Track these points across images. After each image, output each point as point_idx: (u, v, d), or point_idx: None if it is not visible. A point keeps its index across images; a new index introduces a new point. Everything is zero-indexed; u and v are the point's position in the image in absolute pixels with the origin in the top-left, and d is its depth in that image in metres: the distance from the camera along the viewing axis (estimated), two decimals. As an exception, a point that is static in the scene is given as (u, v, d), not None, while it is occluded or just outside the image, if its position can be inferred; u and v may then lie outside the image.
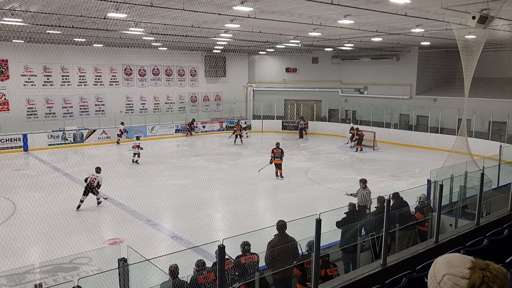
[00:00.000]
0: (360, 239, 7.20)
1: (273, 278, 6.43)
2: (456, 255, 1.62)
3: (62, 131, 23.10)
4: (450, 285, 1.55)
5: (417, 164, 19.38)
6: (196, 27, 15.12)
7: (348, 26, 15.06)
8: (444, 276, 1.57)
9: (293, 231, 6.68)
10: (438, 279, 1.59)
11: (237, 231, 6.35)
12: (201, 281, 5.82)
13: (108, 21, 13.75)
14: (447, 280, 1.56)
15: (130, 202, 12.73)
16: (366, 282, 4.37)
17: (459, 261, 1.58)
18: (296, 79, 30.97)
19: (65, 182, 15.61)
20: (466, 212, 9.23)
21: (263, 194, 14.98)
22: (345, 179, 16.84)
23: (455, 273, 1.55)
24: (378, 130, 24.81)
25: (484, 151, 17.08)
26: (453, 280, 1.54)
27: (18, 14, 12.65)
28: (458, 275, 1.54)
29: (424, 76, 25.99)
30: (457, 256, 1.61)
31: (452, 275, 1.55)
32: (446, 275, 1.56)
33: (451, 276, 1.55)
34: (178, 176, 16.75)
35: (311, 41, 21.01)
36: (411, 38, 19.26)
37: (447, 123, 23.10)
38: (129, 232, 10.50)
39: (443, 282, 1.57)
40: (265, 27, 16.07)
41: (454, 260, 1.59)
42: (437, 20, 13.03)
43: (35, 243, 10.05)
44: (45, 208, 11.87)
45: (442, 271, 1.58)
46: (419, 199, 9.11)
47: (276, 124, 29.88)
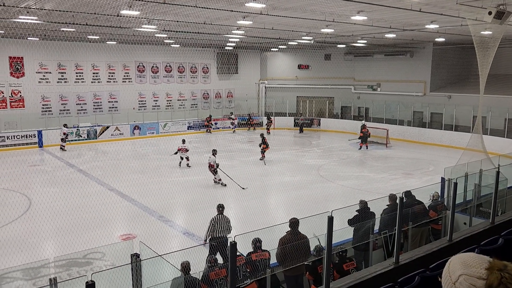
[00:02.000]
0: (372, 237, 7.15)
1: (284, 275, 6.43)
2: (472, 255, 1.58)
3: (76, 127, 23.38)
4: (467, 285, 1.51)
5: (430, 162, 19.17)
6: (209, 24, 15.14)
7: (361, 23, 14.92)
8: (460, 276, 1.53)
9: (304, 229, 6.67)
10: (453, 279, 1.55)
11: (248, 228, 6.37)
12: (213, 277, 5.84)
13: (121, 19, 13.85)
14: (463, 280, 1.52)
15: (143, 198, 12.84)
16: (379, 280, 4.34)
17: (476, 261, 1.54)
18: (308, 76, 30.82)
19: (79, 178, 15.81)
20: (480, 211, 9.10)
21: (275, 191, 14.96)
22: (357, 176, 16.75)
23: (472, 273, 1.51)
24: (391, 127, 24.58)
25: (499, 149, 16.81)
26: (470, 280, 1.51)
27: (33, 12, 12.81)
28: (475, 275, 1.50)
29: (438, 72, 25.64)
30: (473, 256, 1.57)
31: (468, 275, 1.51)
32: (462, 275, 1.53)
33: (468, 277, 1.51)
34: (190, 173, 16.83)
35: (323, 38, 20.87)
36: (426, 34, 19.01)
37: (462, 121, 22.79)
38: (142, 228, 10.60)
39: (458, 283, 1.53)
40: (277, 24, 16.01)
41: (470, 260, 1.55)
42: (452, 16, 12.83)
43: (50, 238, 10.21)
44: (60, 204, 12.07)
45: (458, 271, 1.55)
46: (432, 197, 8.99)
47: (288, 121, 29.80)
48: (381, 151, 22.08)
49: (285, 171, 17.22)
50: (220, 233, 8.30)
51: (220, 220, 8.42)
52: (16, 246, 9.01)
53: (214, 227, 8.34)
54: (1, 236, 9.91)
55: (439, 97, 25.19)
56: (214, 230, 8.31)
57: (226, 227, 8.34)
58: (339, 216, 6.96)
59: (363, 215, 7.59)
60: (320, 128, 29.06)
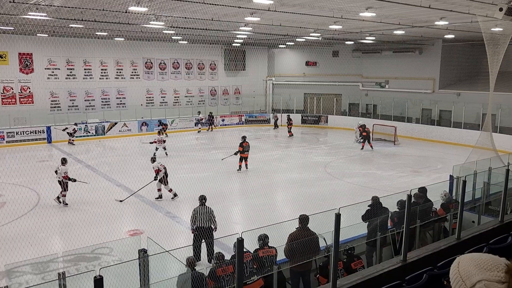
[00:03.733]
0: (379, 234, 7.12)
1: (290, 270, 6.42)
2: (484, 256, 1.51)
3: (84, 123, 23.53)
4: None
5: (439, 160, 19.04)
6: (216, 21, 15.12)
7: (370, 19, 14.83)
8: (478, 282, 1.45)
9: (312, 226, 6.66)
10: (469, 285, 1.47)
11: (255, 225, 6.36)
12: (220, 273, 5.85)
13: (129, 15, 13.90)
14: (483, 286, 1.44)
15: (150, 194, 12.88)
16: (386, 278, 4.32)
17: (491, 264, 1.47)
18: (316, 73, 30.71)
19: (87, 173, 15.90)
20: (489, 209, 9.02)
21: (281, 188, 14.95)
22: (365, 174, 16.68)
23: (491, 278, 1.44)
24: (400, 124, 24.44)
25: (509, 147, 16.66)
26: (490, 286, 1.43)
27: (43, 9, 12.89)
28: (495, 280, 1.43)
29: (447, 70, 25.42)
30: (487, 258, 1.50)
31: (488, 280, 1.44)
32: (481, 281, 1.45)
33: (488, 282, 1.43)
34: (197, 169, 16.86)
35: (331, 34, 20.77)
36: (435, 31, 18.84)
37: (471, 118, 22.59)
38: (149, 223, 10.65)
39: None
40: (285, 20, 15.96)
41: (485, 262, 1.48)
42: (462, 12, 12.69)
43: (58, 233, 10.30)
44: (68, 199, 12.17)
45: (475, 276, 1.46)
46: (445, 196, 8.91)
47: (295, 118, 29.72)
48: (389, 149, 21.97)
49: (292, 168, 17.19)
50: (201, 223, 8.67)
51: (200, 211, 8.79)
52: (25, 241, 9.09)
53: (195, 218, 8.75)
54: (11, 230, 10.00)
55: (448, 94, 24.98)
56: (195, 220, 8.73)
57: (208, 218, 8.71)
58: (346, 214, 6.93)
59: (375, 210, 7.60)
60: (328, 125, 28.97)
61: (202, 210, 8.80)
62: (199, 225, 8.70)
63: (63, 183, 12.20)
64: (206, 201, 8.98)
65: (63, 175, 12.18)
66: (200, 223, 8.70)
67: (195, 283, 5.24)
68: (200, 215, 8.75)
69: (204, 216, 8.74)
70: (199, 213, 8.78)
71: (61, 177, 12.19)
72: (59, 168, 12.31)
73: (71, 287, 4.31)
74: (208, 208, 8.86)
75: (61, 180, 12.20)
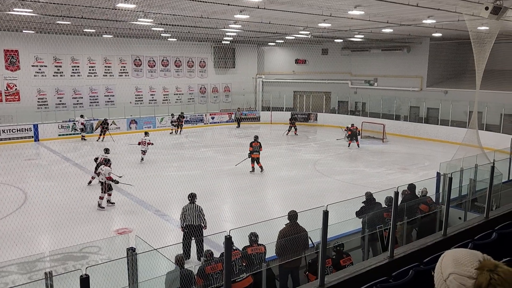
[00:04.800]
0: (367, 231, 7.18)
1: (279, 267, 6.45)
2: (465, 252, 1.56)
3: (72, 121, 23.30)
4: (456, 285, 1.48)
5: (426, 157, 19.24)
6: (205, 18, 15.07)
7: (358, 17, 14.90)
8: (450, 274, 1.50)
9: (301, 223, 6.70)
10: (444, 276, 1.53)
11: (245, 222, 6.38)
12: (209, 271, 5.86)
13: (117, 12, 13.77)
14: (453, 279, 1.49)
15: (139, 192, 12.81)
16: (373, 274, 4.36)
17: (467, 259, 1.51)
18: (305, 71, 30.79)
19: (75, 172, 15.77)
20: (475, 206, 9.15)
21: (271, 186, 14.99)
22: (353, 171, 16.80)
23: (462, 272, 1.48)
24: (388, 122, 24.64)
25: (495, 144, 16.87)
26: (460, 280, 1.48)
27: (28, 5, 12.71)
28: (465, 275, 1.47)
29: (435, 68, 25.67)
30: (466, 253, 1.54)
31: (458, 274, 1.48)
32: (452, 274, 1.50)
33: (458, 276, 1.48)
34: (187, 167, 16.82)
35: (320, 32, 20.83)
36: (423, 29, 19.01)
37: (458, 116, 22.85)
38: (138, 222, 10.60)
39: (449, 281, 1.51)
40: (274, 18, 15.96)
41: (462, 257, 1.52)
42: (449, 11, 12.82)
43: (45, 232, 10.20)
44: (56, 198, 12.04)
45: (449, 268, 1.52)
46: (421, 193, 9.10)
47: (285, 115, 29.79)
48: (377, 146, 22.14)
49: (282, 166, 17.24)
50: (191, 221, 8.68)
51: (190, 209, 8.77)
52: (11, 240, 8.98)
53: (184, 216, 8.75)
54: (-3, 230, 9.88)
55: (435, 92, 25.24)
56: (184, 218, 8.73)
57: (197, 216, 8.71)
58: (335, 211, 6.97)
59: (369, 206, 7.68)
60: (317, 123, 29.08)
61: (192, 208, 8.78)
62: (188, 223, 8.69)
63: (106, 184, 11.77)
64: (196, 199, 8.96)
65: (107, 176, 11.81)
66: (189, 221, 8.70)
67: (184, 281, 5.24)
68: (190, 213, 8.73)
69: (193, 214, 8.72)
70: (189, 211, 8.75)
71: (104, 178, 11.80)
72: (102, 169, 11.93)
73: (59, 287, 4.28)
74: (197, 206, 8.84)
75: (104, 182, 11.79)
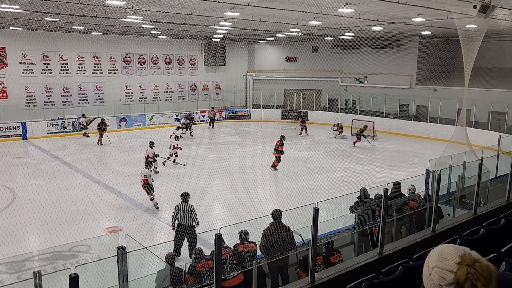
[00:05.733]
0: (357, 228, 7.23)
1: (268, 266, 6.47)
2: (450, 247, 1.61)
3: (61, 119, 23.07)
4: (438, 278, 1.55)
5: (416, 154, 19.40)
6: (196, 15, 15.01)
7: (349, 15, 14.94)
8: (433, 268, 1.57)
9: (290, 220, 6.71)
10: (429, 271, 1.59)
11: (236, 220, 6.38)
12: (199, 269, 5.86)
13: (106, 9, 13.64)
14: (435, 273, 1.56)
15: (130, 190, 12.73)
16: (363, 271, 4.39)
17: (450, 254, 1.57)
18: (296, 68, 30.84)
19: (64, 170, 15.63)
20: (464, 202, 9.26)
21: (262, 183, 15.00)
22: (344, 168, 16.88)
23: (444, 266, 1.55)
24: (378, 120, 24.77)
25: (483, 141, 17.06)
26: (441, 273, 1.54)
27: (15, 1, 12.54)
28: (446, 268, 1.54)
29: (424, 65, 25.88)
30: (450, 248, 1.60)
31: (440, 268, 1.55)
32: (435, 268, 1.57)
33: (439, 269, 1.55)
34: (178, 165, 16.76)
35: (311, 30, 20.87)
36: (412, 27, 19.13)
37: (447, 113, 23.07)
38: (129, 220, 10.54)
39: (432, 274, 1.57)
40: (264, 16, 15.95)
41: (447, 252, 1.59)
42: (438, 9, 12.92)
43: (34, 231, 10.10)
44: (44, 196, 11.90)
45: (433, 262, 1.58)
46: (409, 190, 9.18)
47: (276, 113, 29.84)
48: (367, 144, 22.26)
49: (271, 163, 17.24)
50: (183, 221, 8.64)
51: (182, 208, 8.71)
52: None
53: (176, 214, 8.71)
54: (-16, 229, 9.76)
55: (424, 90, 25.45)
56: (176, 217, 8.72)
57: (189, 215, 8.66)
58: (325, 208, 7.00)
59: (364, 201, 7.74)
60: (308, 121, 29.12)
61: (184, 208, 8.74)
62: (180, 222, 8.67)
63: (144, 187, 11.61)
64: (188, 198, 8.92)
65: (144, 178, 11.58)
66: (181, 220, 8.67)
67: (175, 279, 5.23)
68: (182, 212, 8.69)
69: (185, 213, 8.69)
70: (181, 210, 8.71)
71: (141, 180, 11.64)
72: (142, 171, 11.81)
73: (48, 286, 4.25)
74: (190, 205, 8.80)
75: (143, 184, 11.63)
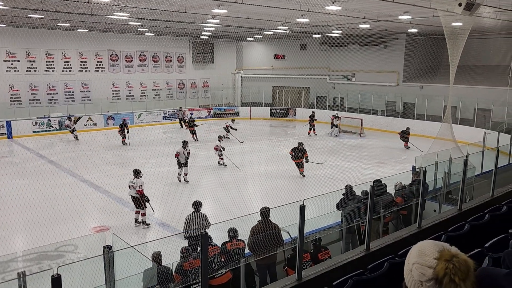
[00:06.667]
0: (345, 224, 7.28)
1: (256, 264, 6.47)
2: (430, 243, 1.62)
3: (47, 118, 22.77)
4: (417, 274, 1.55)
5: (403, 151, 19.57)
6: (183, 12, 14.91)
7: (336, 12, 14.98)
8: (413, 264, 1.57)
9: (278, 218, 6.72)
10: (409, 267, 1.60)
11: (224, 218, 6.36)
12: (187, 267, 5.83)
13: (92, 5, 13.48)
14: (415, 269, 1.56)
15: (117, 189, 12.62)
16: (350, 267, 4.42)
17: (430, 250, 1.57)
18: (284, 66, 30.86)
19: (50, 169, 15.44)
20: (450, 198, 9.37)
21: (251, 181, 14.99)
22: (332, 165, 16.94)
23: (423, 262, 1.55)
24: (365, 117, 24.94)
25: (469, 138, 17.28)
26: (420, 269, 1.55)
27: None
28: (426, 264, 1.54)
29: (411, 63, 26.09)
30: (430, 245, 1.60)
31: (420, 264, 1.55)
32: (415, 264, 1.57)
33: (419, 266, 1.55)
34: (165, 163, 16.64)
35: (299, 28, 20.89)
36: (399, 25, 19.26)
37: (433, 110, 23.30)
38: (116, 219, 10.45)
39: (412, 271, 1.57)
40: (252, 13, 15.91)
41: (426, 248, 1.59)
42: (424, 7, 13.02)
43: (19, 232, 9.96)
44: (30, 196, 11.75)
45: (413, 259, 1.59)
46: (395, 186, 9.27)
47: (264, 111, 29.84)
48: (355, 141, 22.40)
49: (261, 161, 17.23)
50: (196, 232, 7.78)
51: (195, 218, 8.08)
52: (-17, 240, 8.76)
53: (189, 226, 8.02)
54: (-32, 230, 9.60)
55: (411, 87, 25.66)
56: (189, 228, 7.99)
57: (203, 225, 8.02)
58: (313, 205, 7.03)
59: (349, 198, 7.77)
60: (296, 118, 29.21)
61: (197, 218, 8.12)
62: (195, 233, 7.75)
63: (137, 199, 10.31)
64: (200, 207, 8.27)
65: (138, 189, 10.28)
66: (194, 232, 7.80)
67: (161, 278, 5.20)
68: (195, 223, 8.03)
69: (199, 223, 8.04)
70: (193, 220, 8.07)
71: (134, 193, 10.33)
72: (133, 182, 10.39)
73: (33, 287, 4.19)
74: (203, 214, 8.23)
75: (135, 196, 10.35)
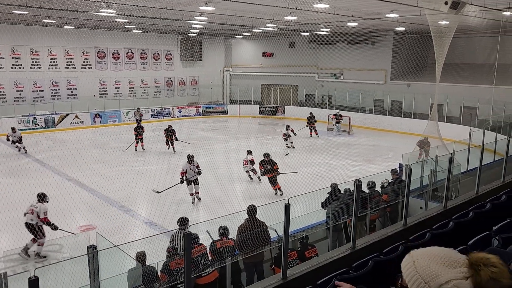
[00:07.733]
0: (331, 222, 7.29)
1: (244, 262, 6.45)
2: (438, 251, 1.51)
3: (32, 115, 22.45)
4: None
5: (390, 149, 19.70)
6: (170, 9, 14.79)
7: (324, 10, 15.00)
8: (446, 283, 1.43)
9: (265, 216, 6.71)
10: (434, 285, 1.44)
11: (212, 216, 6.33)
12: (173, 266, 5.79)
13: (78, 2, 13.30)
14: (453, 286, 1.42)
15: (103, 188, 12.50)
16: (335, 265, 4.42)
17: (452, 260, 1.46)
18: (273, 64, 30.85)
19: (35, 168, 15.24)
20: (436, 195, 9.45)
21: (239, 179, 14.95)
22: (320, 163, 17.01)
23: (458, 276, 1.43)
24: (354, 115, 25.05)
25: (455, 135, 17.44)
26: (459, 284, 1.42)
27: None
28: (461, 277, 1.43)
29: (398, 61, 26.28)
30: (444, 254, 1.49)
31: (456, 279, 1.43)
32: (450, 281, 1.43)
33: (456, 281, 1.43)
34: (153, 162, 16.57)
35: (287, 25, 20.88)
36: (386, 23, 19.37)
37: (420, 108, 23.51)
38: (102, 218, 10.34)
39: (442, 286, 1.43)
40: (240, 10, 15.85)
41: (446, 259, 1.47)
42: (411, 5, 13.09)
43: (3, 231, 9.77)
44: (15, 195, 11.55)
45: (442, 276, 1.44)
46: (382, 183, 9.33)
47: (253, 109, 29.81)
48: (343, 138, 22.50)
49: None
50: None
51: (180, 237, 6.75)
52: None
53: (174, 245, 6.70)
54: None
55: (399, 85, 25.85)
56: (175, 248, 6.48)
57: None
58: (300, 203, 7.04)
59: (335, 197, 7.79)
60: (285, 116, 29.23)
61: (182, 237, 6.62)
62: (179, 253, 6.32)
63: (38, 227, 8.52)
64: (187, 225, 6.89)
65: (42, 217, 8.47)
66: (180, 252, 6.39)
67: (146, 277, 5.16)
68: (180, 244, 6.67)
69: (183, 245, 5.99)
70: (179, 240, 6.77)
71: (36, 220, 8.49)
72: (35, 206, 8.57)
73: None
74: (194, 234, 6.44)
75: (32, 224, 8.51)
